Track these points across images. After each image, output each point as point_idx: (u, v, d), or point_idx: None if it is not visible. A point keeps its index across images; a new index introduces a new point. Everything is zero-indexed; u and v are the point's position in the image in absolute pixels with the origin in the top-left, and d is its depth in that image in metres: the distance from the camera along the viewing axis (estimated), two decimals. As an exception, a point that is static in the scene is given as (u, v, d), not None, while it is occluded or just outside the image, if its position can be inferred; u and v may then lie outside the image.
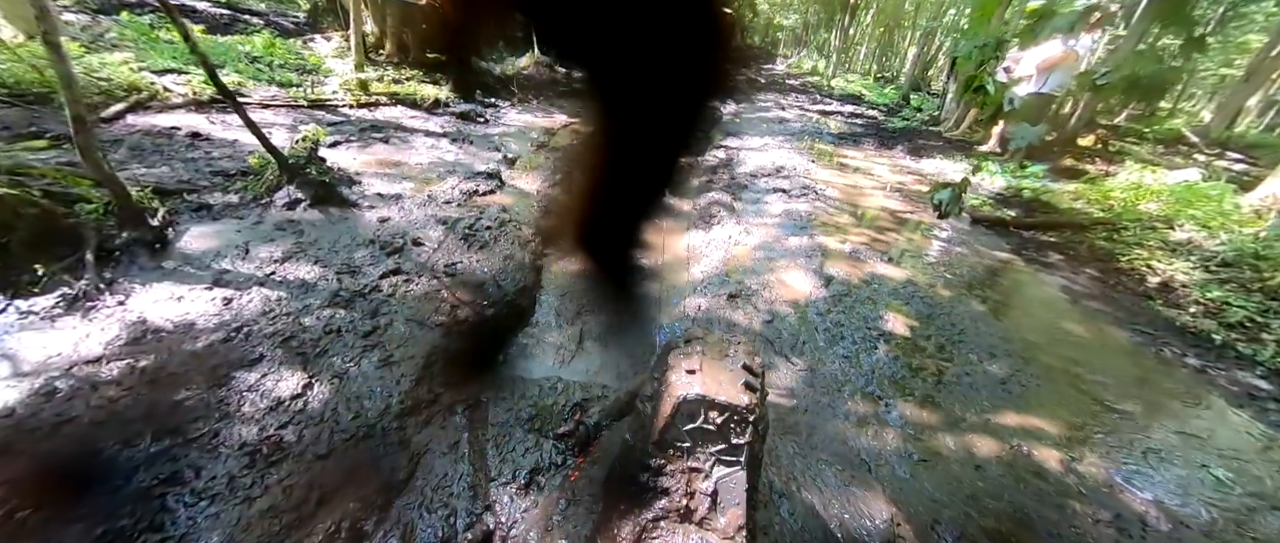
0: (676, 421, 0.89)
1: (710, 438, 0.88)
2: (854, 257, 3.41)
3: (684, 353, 0.98)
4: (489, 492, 1.30)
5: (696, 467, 0.89)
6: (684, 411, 0.89)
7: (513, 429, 1.48)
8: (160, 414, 1.36)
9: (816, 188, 4.84)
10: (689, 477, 0.89)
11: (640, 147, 0.78)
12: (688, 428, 0.89)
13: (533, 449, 1.42)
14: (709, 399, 0.88)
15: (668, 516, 0.88)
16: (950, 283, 3.18)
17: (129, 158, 3.03)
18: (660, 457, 0.90)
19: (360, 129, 4.50)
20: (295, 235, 2.43)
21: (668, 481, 0.90)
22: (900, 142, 7.83)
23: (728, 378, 0.90)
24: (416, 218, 2.88)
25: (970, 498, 1.59)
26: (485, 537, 1.21)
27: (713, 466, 0.88)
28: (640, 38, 0.61)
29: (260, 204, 2.67)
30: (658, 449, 0.91)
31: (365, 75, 5.59)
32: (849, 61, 19.43)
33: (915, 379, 2.18)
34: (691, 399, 0.88)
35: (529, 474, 1.36)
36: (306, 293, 2.00)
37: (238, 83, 4.96)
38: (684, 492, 0.88)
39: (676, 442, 0.90)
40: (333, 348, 1.75)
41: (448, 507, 1.29)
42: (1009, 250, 3.88)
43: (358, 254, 2.36)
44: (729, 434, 0.88)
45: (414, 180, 3.52)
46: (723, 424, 0.88)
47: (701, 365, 0.93)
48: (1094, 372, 2.42)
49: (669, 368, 0.95)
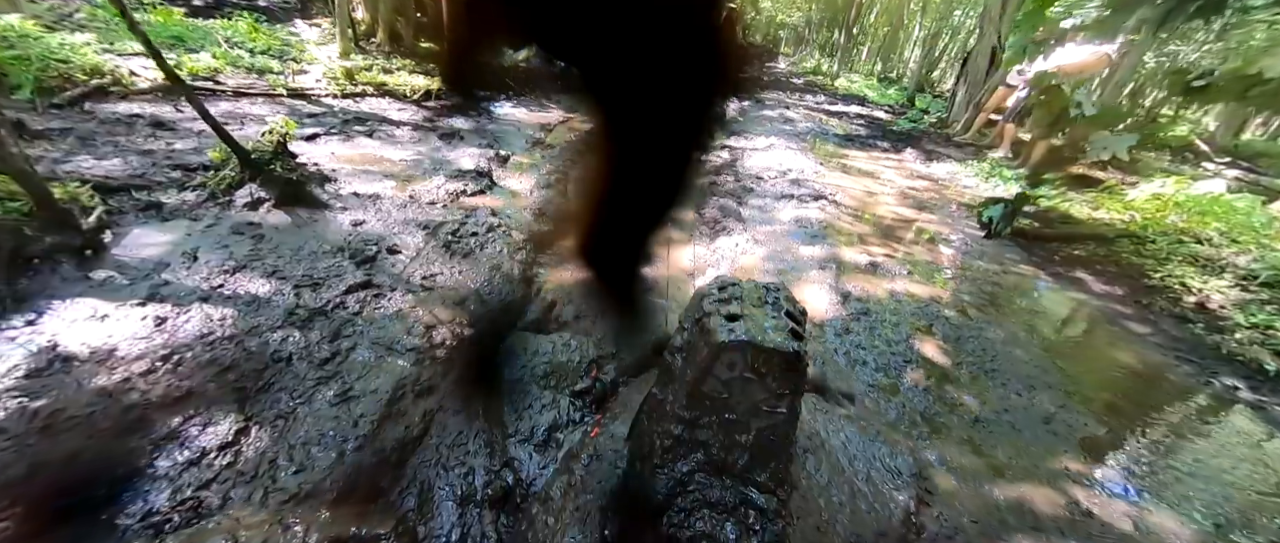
0: (716, 370, 0.82)
1: (752, 387, 0.82)
2: (872, 270, 3.16)
3: (720, 299, 0.89)
4: (507, 449, 1.24)
5: (736, 419, 0.83)
6: (725, 359, 0.81)
7: (528, 386, 1.40)
8: (45, 477, 1.09)
9: (827, 193, 4.58)
10: (728, 429, 0.84)
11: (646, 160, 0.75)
12: (728, 378, 0.82)
13: (550, 407, 1.36)
14: (756, 344, 0.79)
15: (704, 468, 0.84)
16: (977, 301, 2.94)
17: (77, 148, 2.74)
18: (695, 409, 0.85)
19: (342, 121, 4.20)
20: (253, 240, 2.15)
21: (704, 433, 0.85)
22: (908, 144, 7.59)
23: (773, 324, 0.83)
24: (395, 221, 2.60)
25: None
26: (505, 493, 1.16)
27: (753, 418, 0.83)
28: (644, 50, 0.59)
29: (219, 203, 2.39)
30: (692, 402, 0.85)
31: (351, 64, 5.28)
32: (852, 61, 19.19)
33: (950, 415, 1.94)
34: (735, 345, 0.80)
35: (547, 431, 1.30)
36: (257, 311, 1.73)
37: (212, 69, 4.65)
38: (722, 445, 0.84)
39: (714, 394, 0.83)
40: (279, 381, 1.48)
41: (464, 465, 1.25)
42: (1033, 264, 3.65)
43: (323, 264, 2.08)
44: (773, 384, 0.82)
45: (396, 179, 3.24)
46: (767, 374, 0.81)
47: (744, 311, 0.85)
48: (1145, 409, 2.18)
49: (705, 315, 0.86)
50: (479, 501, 1.19)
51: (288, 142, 2.68)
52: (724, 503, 0.83)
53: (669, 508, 0.84)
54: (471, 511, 1.17)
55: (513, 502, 1.18)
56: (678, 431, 0.86)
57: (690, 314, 0.94)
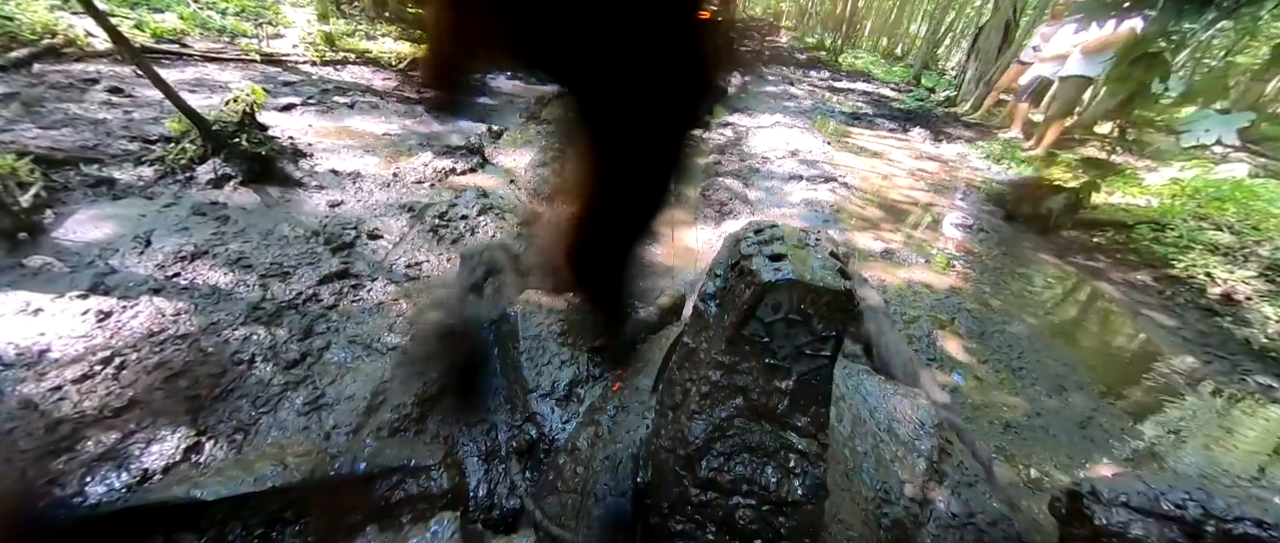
0: (760, 312, 0.79)
1: (796, 330, 0.79)
2: (888, 258, 2.99)
3: (759, 241, 0.85)
4: (528, 403, 1.22)
5: (776, 365, 0.81)
6: (770, 300, 0.78)
7: (545, 343, 1.37)
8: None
9: (837, 174, 4.37)
10: (769, 373, 0.81)
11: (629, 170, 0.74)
12: (771, 320, 0.79)
13: (568, 363, 1.33)
14: (805, 284, 0.76)
15: (743, 413, 0.82)
16: (998, 292, 2.79)
17: (21, 116, 2.47)
18: (734, 354, 0.82)
19: (321, 90, 3.90)
20: (216, 223, 1.93)
21: (743, 378, 0.82)
22: (916, 123, 7.34)
23: (821, 265, 0.80)
24: (377, 203, 2.38)
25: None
26: (530, 445, 1.16)
27: (795, 362, 0.81)
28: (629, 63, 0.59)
29: (179, 180, 2.16)
30: (732, 347, 0.82)
31: (330, 28, 4.92)
32: (857, 36, 18.61)
33: (981, 421, 1.80)
34: (782, 284, 0.76)
35: (568, 386, 1.29)
36: (217, 304, 1.53)
37: (178, 31, 4.29)
38: (762, 389, 0.82)
39: (756, 337, 0.80)
40: (240, 386, 1.30)
41: (485, 422, 1.26)
42: (1053, 252, 3.50)
43: (295, 250, 1.88)
44: (818, 325, 0.79)
45: (379, 155, 2.99)
46: (813, 315, 0.79)
47: (788, 251, 0.81)
48: (1180, 409, 2.06)
49: (745, 256, 0.84)
50: (503, 454, 1.20)
51: (256, 112, 2.42)
52: (764, 447, 0.82)
53: (707, 453, 0.83)
54: (496, 465, 1.19)
55: (537, 455, 1.17)
56: (716, 376, 0.84)
57: (724, 260, 0.91)
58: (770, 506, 0.81)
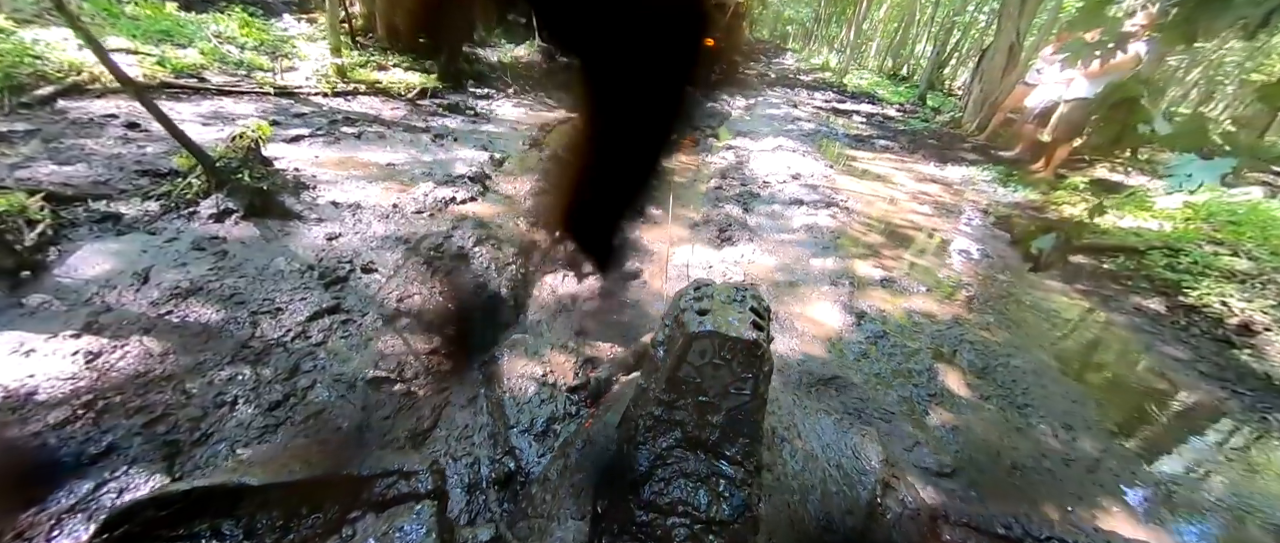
0: (690, 357, 0.93)
1: (721, 373, 0.93)
2: (888, 286, 2.95)
3: (695, 298, 1.01)
4: (509, 439, 1.37)
5: (708, 401, 0.94)
6: (696, 347, 0.92)
7: (527, 384, 1.52)
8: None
9: (838, 199, 4.36)
10: (701, 410, 0.94)
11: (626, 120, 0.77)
12: (699, 364, 0.93)
13: (548, 401, 1.47)
14: (720, 335, 0.91)
15: (680, 444, 0.95)
16: (1002, 322, 2.72)
17: (39, 152, 2.57)
18: (673, 392, 0.95)
19: (329, 121, 4.02)
20: (214, 258, 1.97)
21: (681, 414, 0.95)
22: (921, 145, 7.33)
23: (738, 318, 0.94)
24: (374, 235, 2.41)
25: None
26: (508, 477, 1.30)
27: (723, 399, 0.93)
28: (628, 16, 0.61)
29: (183, 215, 2.21)
30: (671, 386, 0.95)
31: (343, 61, 5.09)
32: (861, 57, 18.82)
33: (984, 462, 1.73)
34: (704, 335, 0.91)
35: (546, 423, 1.42)
36: (205, 343, 1.54)
37: (197, 66, 4.47)
38: (696, 423, 0.95)
39: (689, 378, 0.94)
40: (220, 430, 1.30)
41: (470, 455, 1.37)
42: (1061, 279, 3.42)
43: (288, 285, 1.90)
44: (737, 369, 0.92)
45: (381, 185, 3.05)
46: (732, 360, 0.92)
47: (713, 307, 0.97)
48: (1195, 450, 1.97)
49: (681, 311, 0.98)
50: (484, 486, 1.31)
51: (261, 146, 2.49)
52: (697, 473, 0.94)
53: (650, 478, 0.94)
54: (478, 495, 1.28)
55: (514, 486, 1.30)
56: (658, 412, 0.96)
57: (670, 313, 1.05)
58: (701, 525, 0.91)
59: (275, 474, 1.00)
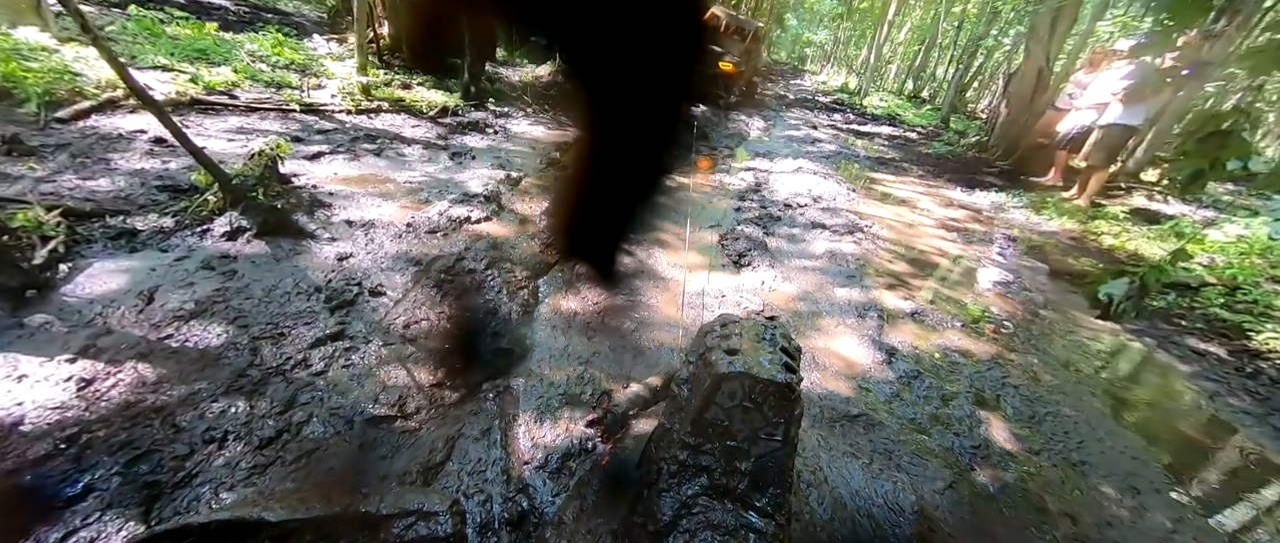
0: (718, 399, 0.89)
1: (750, 417, 0.88)
2: (919, 320, 2.77)
3: (722, 335, 0.97)
4: (522, 474, 1.30)
5: (736, 446, 0.89)
6: (726, 389, 0.88)
7: (543, 417, 1.45)
8: None
9: (862, 224, 4.21)
10: (729, 455, 0.89)
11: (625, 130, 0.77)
12: (728, 406, 0.88)
13: (563, 436, 1.40)
14: (751, 377, 0.86)
15: (707, 492, 0.90)
16: (1048, 364, 2.52)
17: (65, 167, 2.60)
18: (700, 435, 0.91)
19: (351, 139, 4.05)
20: (223, 277, 1.93)
21: (707, 459, 0.91)
22: (946, 169, 7.14)
23: (769, 359, 0.89)
24: (386, 255, 2.36)
25: None
26: (520, 517, 1.23)
27: (752, 445, 0.89)
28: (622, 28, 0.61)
29: (196, 232, 2.19)
30: (696, 429, 0.91)
31: (368, 79, 5.19)
32: (880, 79, 18.73)
33: (1041, 534, 1.54)
34: (734, 376, 0.87)
35: (561, 459, 1.34)
36: (202, 370, 1.47)
37: (230, 83, 4.60)
38: (723, 470, 0.89)
39: (716, 421, 0.89)
40: (206, 470, 1.21)
41: (483, 492, 1.30)
42: (1106, 316, 3.19)
43: (294, 307, 1.84)
44: (769, 413, 0.88)
45: (397, 203, 3.02)
46: (763, 403, 0.87)
47: (742, 346, 0.91)
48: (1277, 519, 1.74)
49: (708, 349, 0.94)
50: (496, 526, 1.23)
51: (279, 163, 2.48)
52: (725, 525, 0.88)
53: (674, 529, 0.88)
54: (489, 536, 1.20)
55: (527, 526, 1.22)
56: (683, 456, 0.91)
57: (695, 349, 1.01)
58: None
59: (294, 510, 0.97)
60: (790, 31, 23.92)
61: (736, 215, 4.12)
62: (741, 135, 7.90)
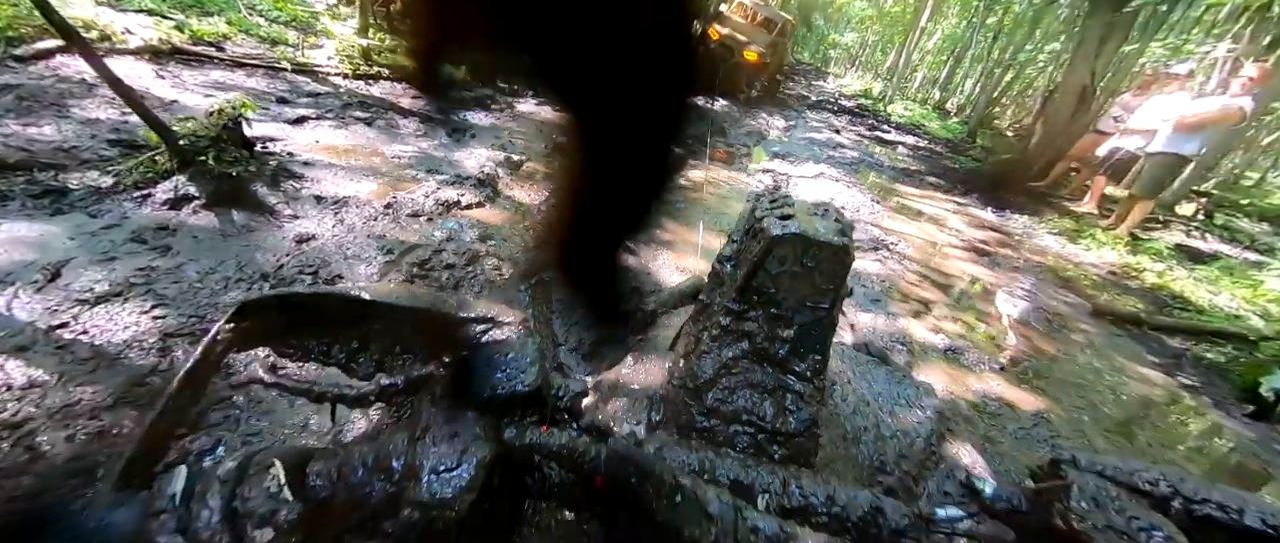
0: (768, 263, 0.89)
1: (799, 283, 0.89)
2: (953, 359, 2.46)
3: (773, 204, 0.95)
4: (557, 354, 1.29)
5: (780, 314, 0.91)
6: (778, 252, 0.88)
7: (574, 308, 1.41)
8: None
9: (887, 241, 3.88)
10: (773, 322, 0.91)
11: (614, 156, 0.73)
12: (778, 272, 0.89)
13: (594, 325, 1.37)
14: (807, 238, 0.86)
15: (748, 355, 0.92)
16: (1099, 419, 2.21)
17: (7, 110, 2.31)
18: (744, 302, 0.92)
19: (343, 104, 3.74)
20: (153, 255, 1.64)
21: (750, 325, 0.92)
22: (974, 187, 6.76)
23: (824, 227, 0.89)
24: (356, 239, 2.06)
25: None
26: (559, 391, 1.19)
27: (796, 313, 0.90)
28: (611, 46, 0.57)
29: (136, 197, 1.90)
30: (741, 296, 0.92)
31: (369, 42, 4.86)
32: (905, 87, 18.17)
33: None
34: (788, 238, 0.86)
35: (593, 344, 1.35)
36: (93, 374, 1.19)
37: (220, 35, 4.28)
38: (766, 336, 0.91)
39: (763, 288, 0.90)
40: (57, 522, 0.92)
41: None
42: (1157, 365, 2.87)
43: (228, 298, 1.55)
44: (819, 279, 0.89)
45: (379, 180, 2.72)
46: (816, 268, 0.88)
47: (796, 214, 0.91)
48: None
49: (759, 219, 0.93)
50: None
51: (243, 125, 2.18)
52: (764, 385, 0.92)
53: (714, 386, 0.92)
54: None
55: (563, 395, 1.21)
56: (726, 321, 0.93)
57: (741, 225, 1.01)
58: (765, 434, 0.89)
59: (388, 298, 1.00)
60: (816, 32, 23.29)
61: (752, 220, 3.80)
62: (761, 134, 7.52)
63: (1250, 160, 14.42)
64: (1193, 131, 4.76)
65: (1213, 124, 4.67)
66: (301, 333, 1.03)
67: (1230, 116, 4.53)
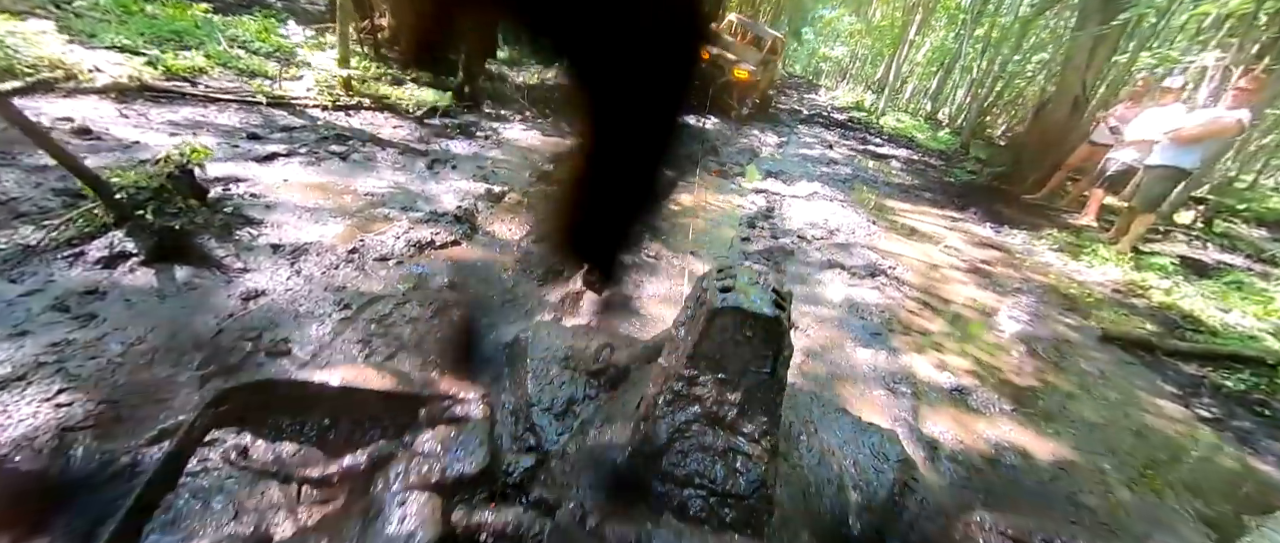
0: (712, 333, 0.94)
1: (741, 350, 0.94)
2: (961, 400, 2.30)
3: (718, 277, 1.02)
4: (530, 415, 1.30)
5: (727, 378, 0.96)
6: (718, 322, 0.93)
7: (550, 366, 1.45)
8: None
9: (885, 265, 3.74)
10: (721, 386, 0.96)
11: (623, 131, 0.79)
12: (721, 340, 0.94)
13: (568, 384, 1.40)
14: (742, 311, 0.92)
15: (699, 419, 0.96)
16: (1121, 466, 2.04)
17: (-54, 159, 2.17)
18: (693, 368, 0.97)
19: (318, 138, 3.62)
20: (74, 325, 1.48)
21: (701, 390, 0.97)
22: (970, 201, 6.66)
23: (759, 298, 0.95)
24: (313, 291, 1.91)
25: None
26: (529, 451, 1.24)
27: (742, 377, 0.95)
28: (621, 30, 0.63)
29: (66, 256, 1.74)
30: (691, 362, 0.97)
31: (351, 72, 4.78)
32: (896, 99, 18.28)
33: None
34: (727, 310, 0.93)
35: (566, 403, 1.35)
36: (-33, 486, 1.02)
37: (196, 69, 4.18)
38: (715, 399, 0.96)
39: (710, 354, 0.96)
40: None
41: None
42: (1176, 397, 2.71)
43: (155, 375, 1.38)
44: (758, 345, 0.94)
45: (348, 221, 2.58)
46: (753, 337, 0.93)
47: (736, 286, 0.97)
48: None
49: (704, 290, 1.00)
50: None
51: (195, 171, 2.04)
52: (715, 448, 0.95)
53: (668, 450, 0.96)
54: None
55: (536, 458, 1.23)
56: (679, 387, 0.98)
57: (693, 295, 1.07)
58: (717, 497, 0.94)
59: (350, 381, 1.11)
60: (806, 46, 23.57)
61: (744, 246, 3.66)
62: (753, 152, 7.45)
63: (1242, 162, 14.46)
64: (1191, 144, 4.68)
65: (1211, 137, 4.59)
66: (276, 414, 1.13)
67: (1228, 129, 4.45)
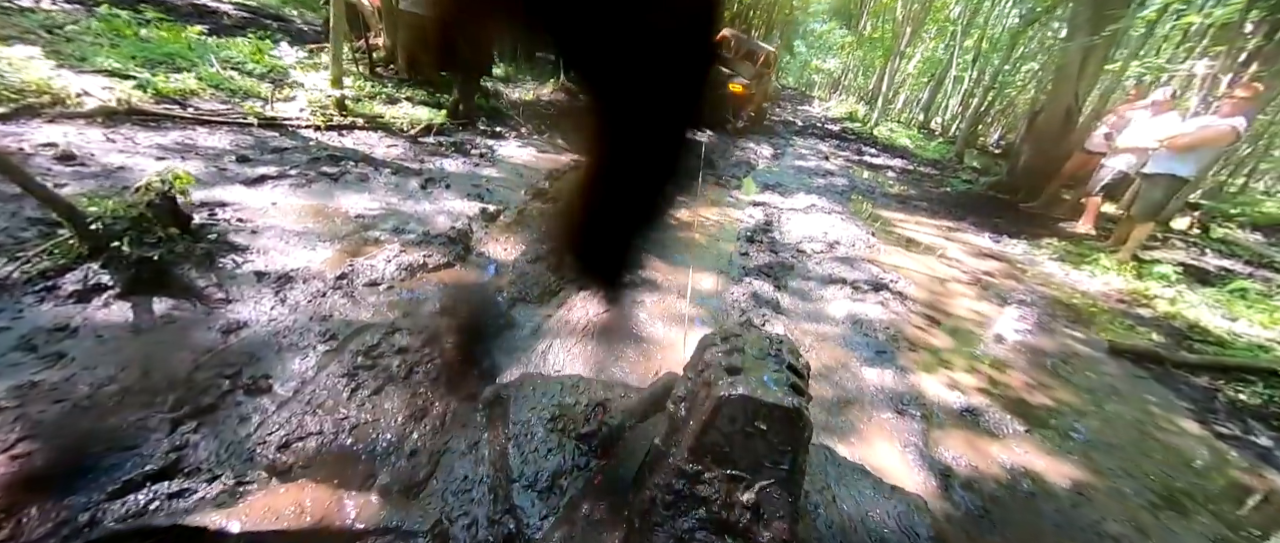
0: (717, 423, 0.83)
1: (753, 444, 0.82)
2: (972, 420, 2.22)
3: (723, 351, 0.90)
4: (510, 494, 1.18)
5: (737, 475, 0.85)
6: (726, 413, 0.82)
7: (534, 429, 1.34)
8: None
9: (887, 279, 3.68)
10: (729, 485, 0.85)
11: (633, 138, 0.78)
12: (728, 431, 0.83)
13: (555, 451, 1.28)
14: (754, 401, 0.80)
15: (705, 526, 0.85)
16: (1141, 490, 1.96)
17: (-80, 189, 2.10)
18: (697, 463, 0.86)
19: (310, 160, 3.57)
20: (41, 366, 1.40)
21: (705, 489, 0.86)
22: (968, 211, 6.65)
23: (773, 378, 0.83)
24: (297, 322, 1.83)
25: None
26: (507, 540, 1.12)
27: (755, 474, 0.84)
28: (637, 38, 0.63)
29: (38, 290, 1.67)
30: (694, 455, 0.86)
31: (345, 92, 4.75)
32: (889, 109, 18.47)
33: None
34: (735, 400, 0.81)
35: (551, 477, 1.23)
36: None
37: (186, 91, 4.15)
38: (723, 502, 0.85)
39: (716, 447, 0.84)
40: None
41: (467, 514, 1.17)
42: (1190, 412, 2.64)
43: (122, 420, 1.30)
44: (774, 439, 0.82)
45: (338, 245, 2.51)
46: (768, 430, 0.81)
47: (744, 365, 0.85)
48: None
49: (706, 366, 0.90)
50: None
51: (175, 197, 1.97)
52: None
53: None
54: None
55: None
56: (679, 485, 0.86)
57: (695, 364, 0.96)
58: None
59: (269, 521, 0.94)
60: (799, 59, 23.87)
61: (744, 263, 3.60)
62: (750, 164, 7.46)
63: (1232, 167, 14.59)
64: (1188, 152, 4.67)
65: (1207, 145, 4.59)
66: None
67: (1224, 137, 4.46)
